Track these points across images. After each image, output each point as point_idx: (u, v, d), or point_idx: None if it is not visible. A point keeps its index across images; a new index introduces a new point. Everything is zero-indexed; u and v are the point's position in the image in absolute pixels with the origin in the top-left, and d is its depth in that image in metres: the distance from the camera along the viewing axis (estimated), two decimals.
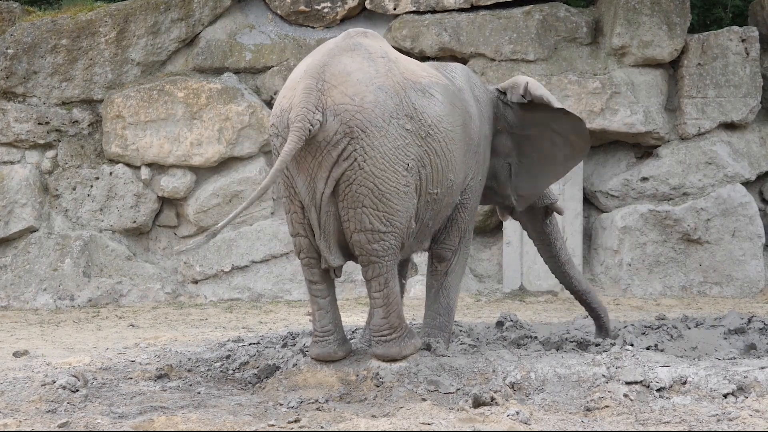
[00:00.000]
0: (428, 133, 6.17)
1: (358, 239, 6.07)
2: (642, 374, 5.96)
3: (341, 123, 5.91)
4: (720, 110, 12.32)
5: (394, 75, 6.12)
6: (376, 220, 6.03)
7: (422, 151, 6.15)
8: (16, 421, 5.52)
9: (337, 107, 5.93)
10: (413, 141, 6.09)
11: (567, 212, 12.11)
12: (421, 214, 6.33)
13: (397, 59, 6.30)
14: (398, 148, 6.02)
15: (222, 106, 12.12)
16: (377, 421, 5.39)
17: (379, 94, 6.00)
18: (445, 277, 6.85)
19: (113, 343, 8.60)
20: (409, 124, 6.08)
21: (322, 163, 5.97)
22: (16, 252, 11.98)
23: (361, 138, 5.93)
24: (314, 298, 6.35)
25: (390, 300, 6.22)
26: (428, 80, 6.33)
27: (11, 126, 12.07)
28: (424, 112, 6.16)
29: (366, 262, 6.17)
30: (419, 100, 6.16)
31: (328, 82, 5.98)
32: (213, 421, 5.42)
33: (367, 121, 5.93)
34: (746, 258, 12.17)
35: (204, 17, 12.37)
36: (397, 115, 6.03)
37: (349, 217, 6.03)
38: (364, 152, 5.94)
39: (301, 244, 6.24)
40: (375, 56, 6.15)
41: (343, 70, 6.02)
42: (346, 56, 6.10)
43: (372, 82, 6.02)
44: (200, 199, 12.15)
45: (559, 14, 12.40)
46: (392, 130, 6.00)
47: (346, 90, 5.96)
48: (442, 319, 6.83)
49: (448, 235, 6.78)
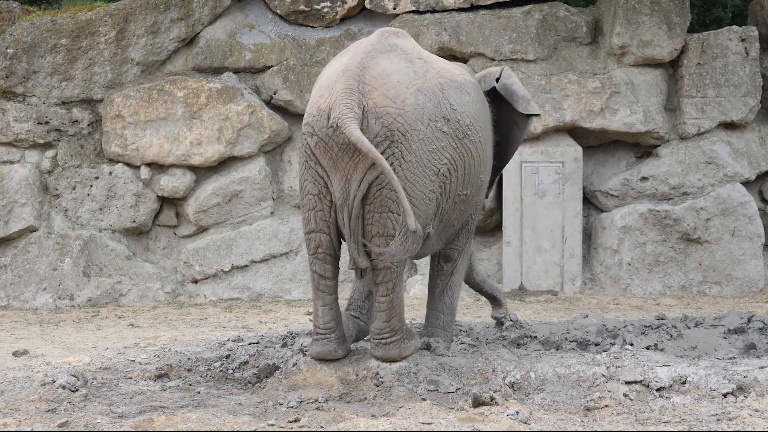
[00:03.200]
0: (465, 135, 6.15)
1: (378, 243, 6.05)
2: (642, 374, 5.97)
3: (383, 126, 5.88)
4: (720, 110, 12.32)
5: (432, 76, 6.09)
6: (398, 225, 6.00)
7: (457, 154, 6.13)
8: (16, 421, 5.52)
9: (379, 110, 5.89)
10: (449, 144, 6.07)
11: (567, 212, 12.11)
12: (447, 215, 6.31)
13: (431, 59, 6.28)
14: (433, 152, 6.00)
15: (222, 105, 12.11)
16: (377, 420, 5.39)
17: (419, 97, 5.97)
18: (450, 277, 6.85)
19: (113, 343, 8.60)
20: (446, 127, 6.05)
21: (358, 165, 5.93)
22: (15, 252, 11.98)
23: (401, 142, 5.89)
24: (321, 293, 6.31)
25: (394, 305, 6.22)
26: (462, 78, 6.32)
27: (11, 126, 12.06)
28: (463, 112, 6.14)
29: (377, 266, 6.16)
30: (457, 99, 6.14)
31: (368, 84, 5.93)
32: (213, 421, 5.42)
33: (407, 124, 5.91)
34: (746, 257, 12.17)
35: (204, 17, 12.37)
36: (435, 117, 6.00)
37: (374, 221, 6.01)
38: (401, 156, 5.90)
39: (320, 240, 6.18)
40: (412, 57, 6.13)
41: (382, 72, 5.98)
42: (384, 58, 6.06)
43: (412, 84, 5.99)
44: (200, 199, 12.15)
45: (559, 14, 12.40)
46: (430, 133, 5.97)
47: (386, 92, 5.92)
48: (445, 318, 6.83)
49: (458, 236, 6.76)
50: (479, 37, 12.32)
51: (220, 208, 12.15)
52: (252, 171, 12.17)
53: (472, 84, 6.38)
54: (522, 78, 12.16)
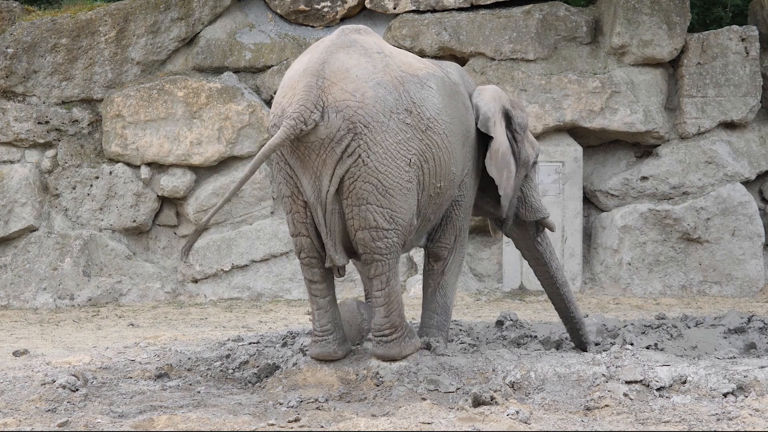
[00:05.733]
0: (428, 126, 6.16)
1: (362, 237, 6.07)
2: (642, 373, 5.96)
3: (344, 119, 5.92)
4: (720, 109, 12.32)
5: (392, 70, 6.13)
6: (380, 217, 6.02)
7: (423, 145, 6.15)
8: (16, 420, 5.51)
9: (339, 104, 5.94)
10: (414, 135, 6.09)
11: (567, 211, 12.11)
12: (423, 209, 6.33)
13: (392, 54, 6.29)
14: (399, 143, 6.02)
15: (222, 105, 12.11)
16: (377, 420, 5.39)
17: (379, 90, 6.01)
18: (441, 276, 6.83)
19: (113, 343, 8.59)
20: (408, 119, 6.08)
21: (326, 161, 5.96)
22: (16, 251, 11.98)
23: (364, 134, 5.93)
24: (314, 297, 6.35)
25: (391, 299, 6.21)
26: (425, 72, 6.32)
27: (11, 125, 12.06)
28: (423, 105, 6.16)
29: (369, 260, 6.16)
30: (418, 93, 6.16)
31: (328, 79, 5.99)
32: (213, 421, 5.42)
33: (369, 116, 5.94)
34: (746, 257, 12.17)
35: (204, 16, 12.37)
36: (397, 109, 6.03)
37: (354, 214, 6.03)
38: (367, 147, 5.94)
39: (302, 244, 6.24)
40: (371, 52, 6.16)
41: (341, 67, 6.03)
42: (343, 53, 6.11)
43: (371, 78, 6.03)
44: (200, 199, 12.15)
45: (559, 13, 12.40)
46: (393, 125, 6.00)
47: (346, 86, 5.97)
48: (439, 318, 6.82)
49: (444, 233, 6.76)
50: (479, 36, 12.32)
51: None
52: None
53: (436, 78, 6.37)
54: (522, 78, 12.17)
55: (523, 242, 7.45)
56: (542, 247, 7.39)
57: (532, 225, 7.34)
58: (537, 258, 7.44)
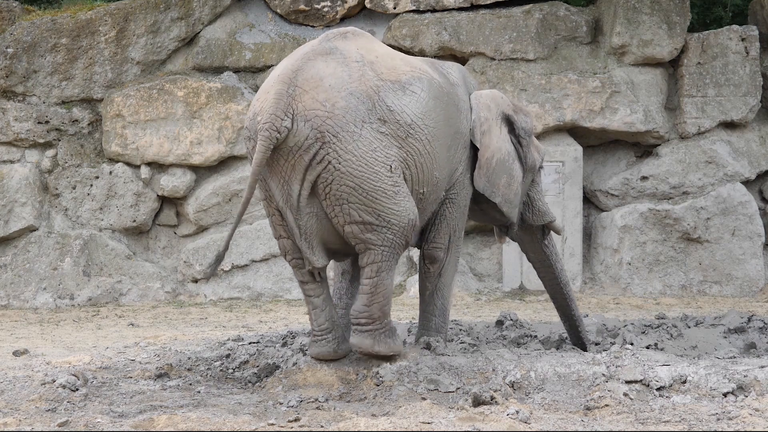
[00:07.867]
0: (408, 134, 6.12)
1: (351, 230, 6.06)
2: (642, 373, 5.96)
3: (312, 128, 5.91)
4: (720, 109, 12.32)
5: (368, 79, 6.07)
6: (365, 214, 6.01)
7: (404, 152, 6.11)
8: (16, 420, 5.51)
9: (308, 113, 5.93)
10: (391, 143, 6.05)
11: (567, 211, 12.11)
12: None
13: (376, 59, 6.22)
14: (375, 150, 5.98)
15: (222, 105, 12.12)
16: (377, 420, 5.39)
17: (351, 100, 5.98)
18: (438, 278, 6.79)
19: (113, 342, 8.59)
20: (383, 127, 6.03)
21: (295, 166, 5.96)
22: (16, 251, 11.98)
23: (333, 143, 5.91)
24: (308, 297, 6.34)
25: (378, 290, 6.15)
26: (409, 76, 6.25)
27: (11, 125, 12.07)
28: (402, 112, 6.11)
29: (362, 250, 6.15)
30: (396, 100, 6.11)
31: (300, 87, 5.98)
32: (213, 420, 5.42)
33: (338, 126, 5.92)
34: (746, 257, 12.17)
35: (204, 16, 12.37)
36: (369, 119, 5.99)
37: (336, 213, 6.03)
38: (337, 155, 5.92)
39: (285, 246, 6.25)
40: (349, 60, 6.12)
41: (315, 75, 6.01)
42: (320, 61, 6.08)
43: (344, 87, 6.00)
44: (200, 198, 12.15)
45: (559, 13, 12.40)
46: (366, 134, 5.96)
47: (317, 96, 5.95)
48: (437, 320, 6.80)
49: (438, 233, 6.71)
50: (479, 36, 12.32)
51: (220, 207, 12.15)
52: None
53: (422, 81, 6.28)
54: (522, 77, 12.17)
55: (529, 245, 7.45)
56: (549, 250, 7.40)
57: (539, 229, 7.35)
58: (543, 260, 7.44)
